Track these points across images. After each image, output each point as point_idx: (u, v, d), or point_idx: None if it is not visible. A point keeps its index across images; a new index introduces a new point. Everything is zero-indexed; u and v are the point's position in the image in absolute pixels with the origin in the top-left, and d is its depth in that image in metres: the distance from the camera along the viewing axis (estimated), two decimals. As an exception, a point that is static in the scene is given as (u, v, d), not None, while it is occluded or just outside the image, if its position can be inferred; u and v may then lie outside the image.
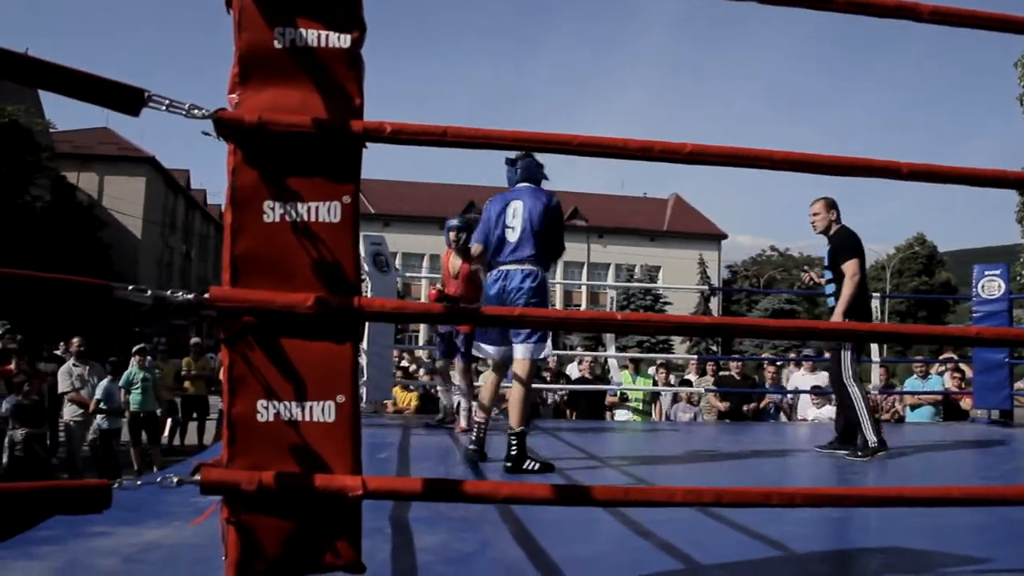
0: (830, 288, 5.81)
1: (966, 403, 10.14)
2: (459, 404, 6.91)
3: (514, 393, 4.77)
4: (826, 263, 5.90)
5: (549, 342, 4.98)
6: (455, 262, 6.88)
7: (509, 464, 4.60)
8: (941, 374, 10.35)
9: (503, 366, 5.00)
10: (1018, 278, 26.25)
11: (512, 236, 4.78)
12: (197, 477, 1.65)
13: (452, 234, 6.83)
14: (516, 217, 4.80)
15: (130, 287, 1.70)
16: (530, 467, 4.57)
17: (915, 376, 10.23)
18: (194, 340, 13.87)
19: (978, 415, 9.51)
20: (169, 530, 2.86)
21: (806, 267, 7.11)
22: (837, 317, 5.57)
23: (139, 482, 1.72)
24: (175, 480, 1.67)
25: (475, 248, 5.14)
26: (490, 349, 5.00)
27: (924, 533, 3.12)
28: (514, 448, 4.61)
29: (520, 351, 4.75)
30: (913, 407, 10.01)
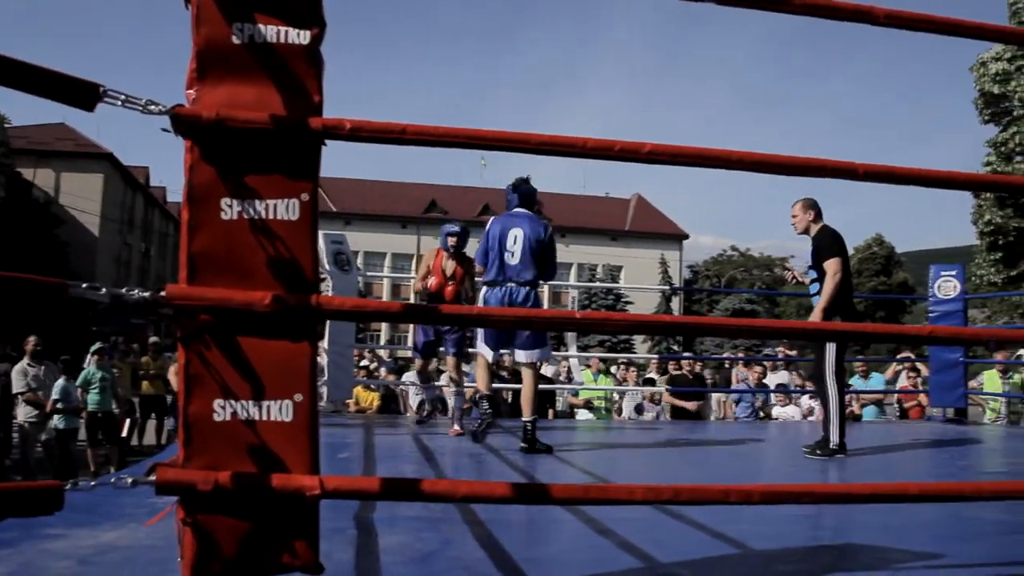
0: (814, 288, 5.83)
1: (922, 400, 10.33)
2: (449, 404, 7.06)
3: (525, 391, 5.61)
4: (809, 263, 5.95)
5: (549, 347, 5.72)
6: (449, 264, 6.84)
7: (525, 446, 5.38)
8: (898, 373, 10.50)
9: (495, 367, 5.78)
10: (973, 279, 26.68)
11: (512, 260, 5.48)
12: (152, 478, 1.63)
13: (453, 239, 6.82)
14: (517, 243, 5.49)
15: (85, 285, 1.68)
16: (541, 448, 5.36)
17: (857, 375, 10.38)
18: (152, 339, 13.68)
19: (934, 413, 9.66)
20: (125, 531, 2.82)
21: (788, 266, 7.16)
22: (817, 315, 5.61)
23: (93, 483, 1.69)
24: (130, 481, 1.65)
25: (478, 268, 5.81)
26: (489, 353, 5.64)
27: (880, 530, 3.17)
28: (529, 434, 5.40)
29: (523, 356, 5.54)
30: (861, 405, 10.19)
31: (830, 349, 5.72)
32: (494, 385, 6.08)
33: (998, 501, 3.45)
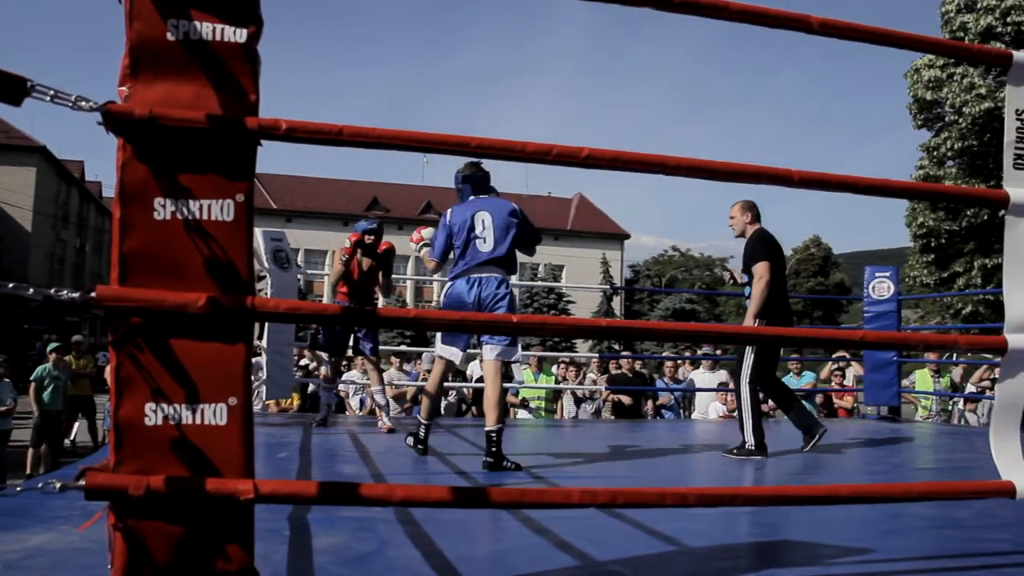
0: (748, 290, 5.84)
1: (847, 400, 10.56)
2: (379, 402, 7.14)
3: (488, 395, 4.93)
4: (742, 266, 5.96)
5: (519, 346, 5.18)
6: (365, 260, 6.97)
7: (491, 461, 4.70)
8: (834, 374, 10.71)
9: (454, 367, 5.29)
10: (907, 280, 27.28)
11: (484, 246, 4.95)
12: (82, 482, 1.60)
13: (370, 237, 6.90)
14: (486, 228, 4.98)
15: (12, 284, 1.64)
16: (508, 465, 4.70)
17: (790, 374, 10.57)
18: (76, 338, 13.27)
19: (869, 411, 9.87)
20: (55, 535, 2.76)
21: (727, 267, 7.23)
22: (748, 319, 5.66)
23: (19, 488, 1.66)
24: (58, 486, 1.62)
25: (432, 264, 5.26)
26: (453, 352, 5.11)
27: (814, 526, 3.23)
28: (494, 447, 4.72)
29: (490, 352, 4.95)
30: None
31: (749, 354, 5.76)
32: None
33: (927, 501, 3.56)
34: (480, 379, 10.23)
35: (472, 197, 5.17)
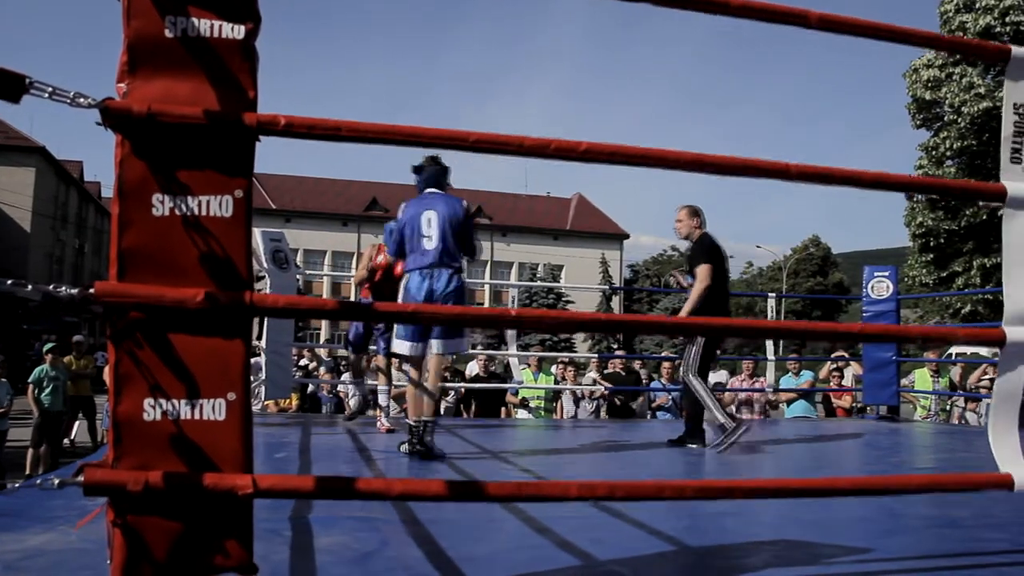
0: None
1: (845, 400, 10.57)
2: (377, 401, 7.10)
3: (429, 385, 5.16)
4: (688, 267, 6.28)
5: (466, 339, 5.38)
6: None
7: (423, 449, 4.96)
8: (833, 374, 10.71)
9: (420, 362, 5.25)
10: (906, 279, 27.29)
11: (429, 244, 5.07)
12: (80, 479, 1.60)
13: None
14: (432, 226, 5.09)
15: (10, 282, 1.64)
16: (438, 452, 5.00)
17: (789, 374, 10.58)
18: (76, 338, 13.27)
19: (868, 411, 9.86)
20: (53, 535, 2.76)
21: (674, 271, 7.40)
22: (683, 315, 5.83)
23: (17, 486, 1.65)
24: (56, 482, 1.62)
25: (384, 260, 5.55)
26: (407, 345, 5.19)
27: (813, 526, 3.23)
28: (428, 435, 4.98)
29: (436, 347, 5.11)
30: (789, 402, 10.37)
31: (693, 348, 5.97)
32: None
33: (925, 495, 3.56)
34: (474, 378, 10.29)
35: (425, 191, 5.31)
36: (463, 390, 10.21)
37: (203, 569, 1.68)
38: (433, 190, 5.29)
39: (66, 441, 12.72)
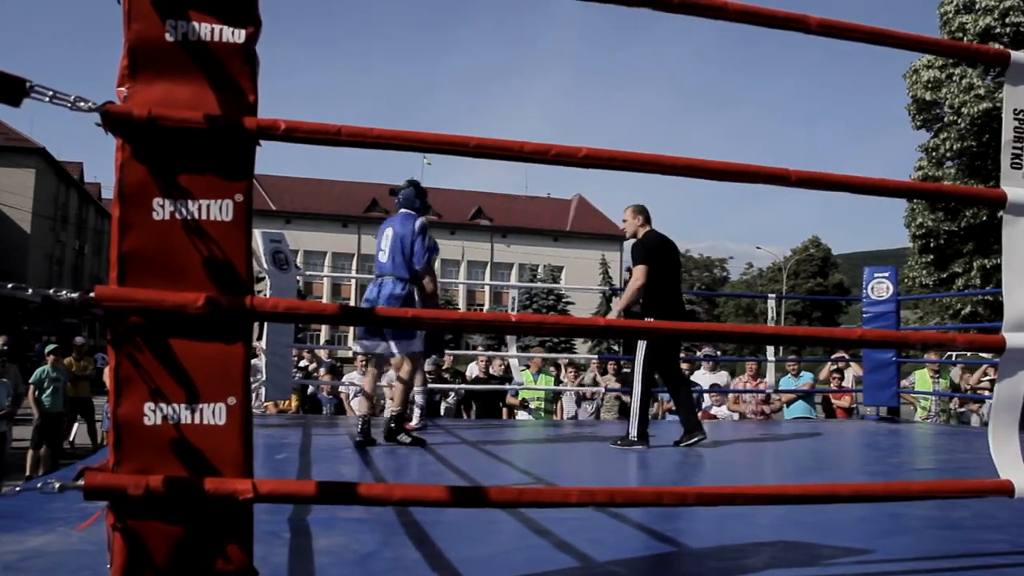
0: None
1: (844, 401, 10.57)
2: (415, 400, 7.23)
3: (396, 382, 6.02)
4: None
5: (417, 339, 5.90)
6: None
7: (385, 435, 5.78)
8: (833, 375, 10.71)
9: (380, 361, 6.13)
10: (906, 280, 27.30)
11: (383, 257, 5.91)
12: (81, 483, 1.60)
13: None
14: (387, 241, 5.91)
15: (11, 285, 1.64)
16: (404, 439, 5.75)
17: (788, 375, 10.59)
18: (77, 339, 13.29)
19: (868, 412, 9.87)
20: (54, 537, 2.76)
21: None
22: (613, 315, 5.91)
23: (18, 488, 1.66)
24: (57, 486, 1.62)
25: None
26: (366, 345, 5.94)
27: (812, 527, 3.23)
28: (392, 424, 5.82)
29: (393, 348, 5.82)
30: (788, 402, 10.38)
31: (641, 348, 6.05)
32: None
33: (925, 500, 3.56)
34: (475, 379, 10.32)
35: (398, 212, 6.04)
36: (463, 391, 10.22)
37: (203, 573, 1.68)
38: (404, 210, 5.99)
39: (66, 443, 12.71)
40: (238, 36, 1.73)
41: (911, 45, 2.27)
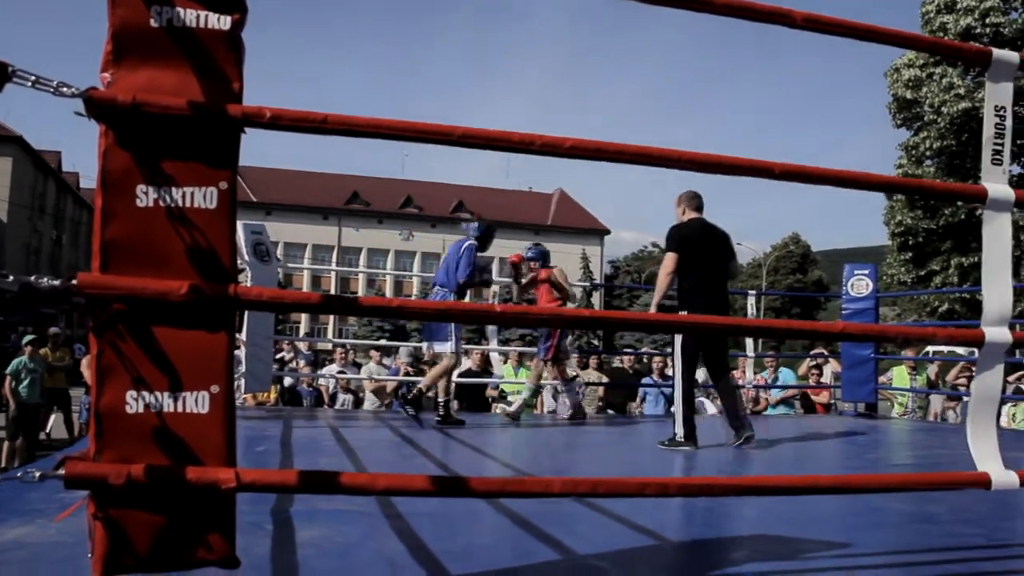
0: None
1: (823, 397, 10.64)
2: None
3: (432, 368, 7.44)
4: None
5: (450, 341, 6.93)
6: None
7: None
8: (812, 371, 10.78)
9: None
10: (884, 278, 27.47)
11: (438, 273, 7.31)
12: (61, 471, 1.59)
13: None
14: (443, 259, 7.29)
15: (-10, 273, 1.62)
16: (409, 411, 6.72)
17: (767, 370, 10.64)
18: (53, 330, 13.16)
19: (845, 408, 9.93)
20: (32, 527, 2.74)
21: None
22: (652, 309, 5.77)
23: (-2, 477, 1.64)
24: (37, 475, 1.60)
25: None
26: (426, 346, 7.40)
27: (792, 521, 3.25)
28: (411, 395, 6.92)
29: (435, 347, 7.13)
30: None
31: (677, 343, 5.86)
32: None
33: (903, 493, 3.60)
34: (464, 373, 10.36)
35: (464, 238, 7.22)
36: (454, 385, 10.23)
37: (185, 562, 1.67)
38: (466, 239, 7.17)
39: (42, 434, 12.61)
40: (224, 23, 1.72)
41: (896, 41, 2.29)
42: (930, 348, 15.21)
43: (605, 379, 10.44)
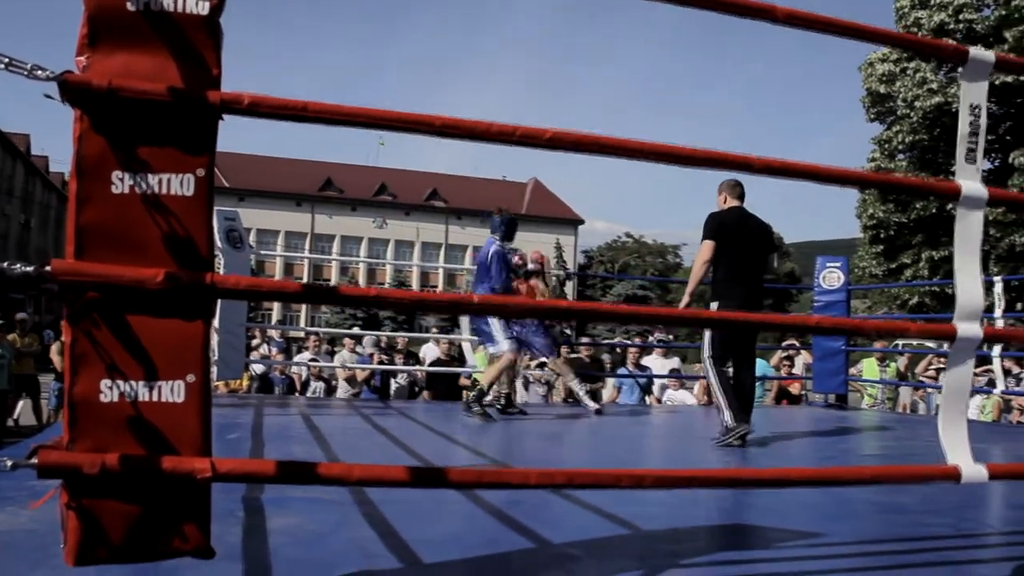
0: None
1: (795, 388, 10.72)
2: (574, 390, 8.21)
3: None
4: None
5: (497, 344, 6.87)
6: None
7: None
8: (783, 362, 10.86)
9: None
10: (856, 270, 27.69)
11: (474, 285, 7.12)
12: (34, 460, 1.57)
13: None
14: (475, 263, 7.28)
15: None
16: (476, 409, 6.67)
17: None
18: (20, 316, 13.01)
19: (816, 399, 10.02)
20: (2, 516, 2.72)
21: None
22: (684, 297, 5.71)
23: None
24: (9, 464, 1.58)
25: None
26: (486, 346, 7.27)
27: (764, 511, 3.29)
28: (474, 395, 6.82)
29: (489, 348, 7.11)
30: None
31: (705, 336, 5.72)
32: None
33: (874, 485, 3.64)
34: (433, 363, 10.36)
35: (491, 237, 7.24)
36: (419, 374, 10.22)
37: (160, 552, 1.66)
38: (492, 236, 7.19)
39: (10, 420, 12.48)
40: (202, 8, 1.69)
41: (875, 38, 2.30)
42: (899, 341, 15.40)
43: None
